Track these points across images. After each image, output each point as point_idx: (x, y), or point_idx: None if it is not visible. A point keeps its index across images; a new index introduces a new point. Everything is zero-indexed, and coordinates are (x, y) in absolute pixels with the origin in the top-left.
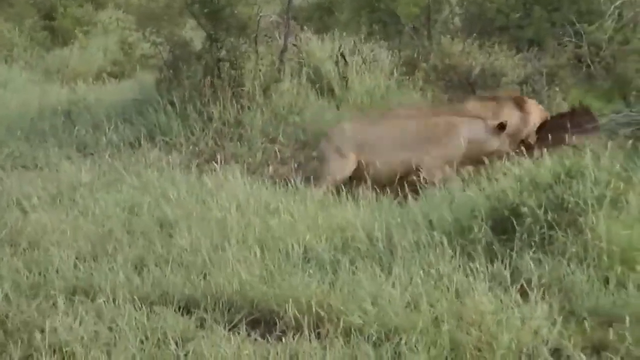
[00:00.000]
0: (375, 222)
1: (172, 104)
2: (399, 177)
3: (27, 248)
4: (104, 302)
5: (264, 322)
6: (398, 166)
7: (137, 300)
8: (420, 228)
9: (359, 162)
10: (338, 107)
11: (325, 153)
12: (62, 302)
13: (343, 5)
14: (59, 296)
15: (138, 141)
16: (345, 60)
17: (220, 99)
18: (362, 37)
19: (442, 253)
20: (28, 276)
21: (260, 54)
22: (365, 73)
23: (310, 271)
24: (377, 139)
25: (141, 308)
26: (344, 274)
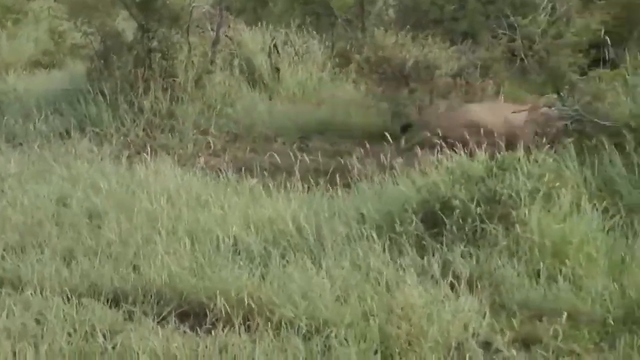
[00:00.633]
0: (306, 215)
1: (103, 95)
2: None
3: None
4: (31, 294)
5: (193, 315)
6: None
7: (66, 293)
8: (351, 221)
9: None
10: (270, 99)
11: None
12: None
13: None
14: None
15: (68, 132)
16: (278, 52)
17: (152, 89)
18: (295, 29)
19: (373, 247)
20: None
21: (192, 44)
22: (297, 65)
23: (241, 264)
24: None
25: (69, 300)
26: (275, 267)
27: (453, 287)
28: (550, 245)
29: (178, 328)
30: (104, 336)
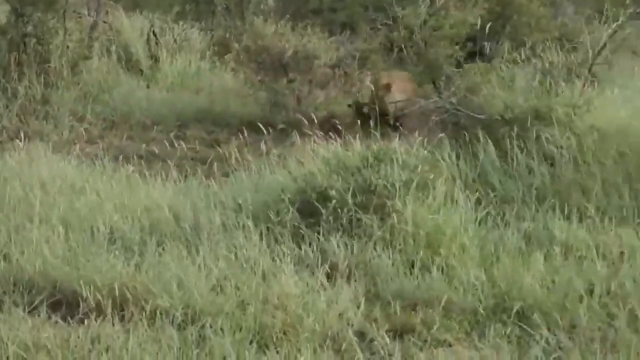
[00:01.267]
0: (182, 204)
1: None
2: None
3: None
4: None
5: (66, 304)
6: None
7: None
8: (228, 211)
9: None
10: (148, 87)
11: None
12: None
13: None
14: None
15: None
16: (157, 40)
17: (26, 75)
18: (174, 17)
19: (249, 236)
20: None
21: (68, 30)
22: (176, 53)
23: (116, 252)
24: None
25: None
26: (150, 256)
27: (329, 277)
28: (425, 236)
29: (49, 318)
30: None
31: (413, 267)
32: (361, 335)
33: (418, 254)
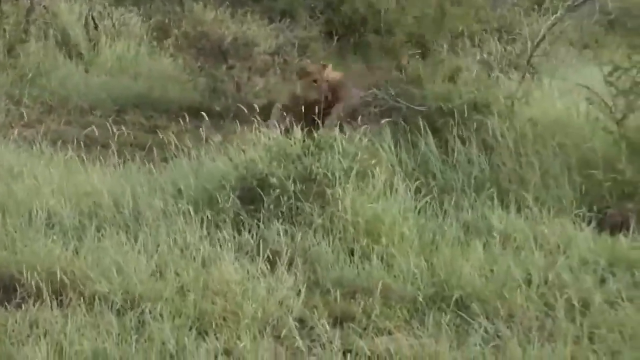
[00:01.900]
0: (122, 189)
1: None
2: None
3: None
4: None
5: (3, 289)
6: None
7: None
8: (168, 197)
9: None
10: (87, 71)
11: None
12: None
13: None
14: None
15: None
16: (95, 24)
17: None
18: (113, 1)
19: (189, 222)
20: None
21: (5, 12)
22: (115, 38)
23: (54, 237)
24: None
25: None
26: (89, 241)
27: (270, 264)
28: (364, 224)
29: None
30: None
31: (353, 255)
32: (301, 322)
33: (358, 242)
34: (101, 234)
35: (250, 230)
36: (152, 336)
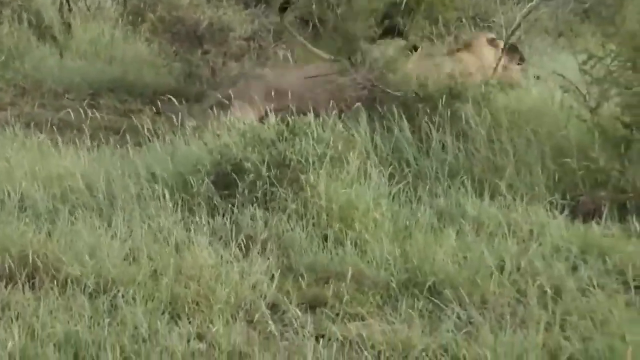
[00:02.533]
0: (96, 173)
1: None
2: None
3: None
4: None
5: None
6: None
7: None
8: (142, 181)
9: None
10: (61, 55)
11: None
12: None
13: None
14: None
15: None
16: (70, 7)
17: None
18: None
19: (164, 206)
20: None
21: None
22: (90, 21)
23: (27, 220)
24: None
25: None
26: (62, 224)
27: (243, 249)
28: (338, 210)
29: None
30: None
31: (326, 241)
32: (274, 307)
33: (331, 228)
34: (74, 218)
35: (224, 215)
36: (125, 320)
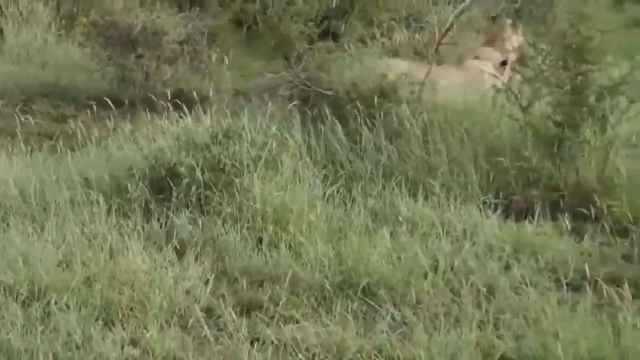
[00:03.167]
0: (29, 179)
1: None
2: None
3: None
4: None
5: None
6: None
7: None
8: (76, 186)
9: None
10: None
11: None
12: None
13: None
14: None
15: None
16: (2, 12)
17: None
18: None
19: (98, 212)
20: None
21: None
22: (22, 26)
23: None
24: None
25: None
26: None
27: (178, 254)
28: (272, 213)
29: None
30: None
31: (261, 244)
32: (208, 311)
33: (266, 231)
34: (7, 224)
35: (159, 220)
36: (58, 327)
